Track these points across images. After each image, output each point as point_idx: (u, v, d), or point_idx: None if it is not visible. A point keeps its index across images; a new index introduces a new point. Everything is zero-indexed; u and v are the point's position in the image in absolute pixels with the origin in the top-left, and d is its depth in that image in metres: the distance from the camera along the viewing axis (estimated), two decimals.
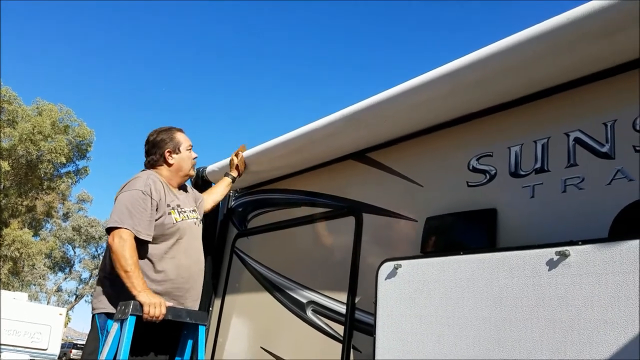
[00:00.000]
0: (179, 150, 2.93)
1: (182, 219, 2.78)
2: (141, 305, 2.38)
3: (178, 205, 2.81)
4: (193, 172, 3.06)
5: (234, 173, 3.60)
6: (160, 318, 2.42)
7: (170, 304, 2.52)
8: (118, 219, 2.57)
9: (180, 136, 2.97)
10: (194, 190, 3.28)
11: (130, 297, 2.44)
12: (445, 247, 2.37)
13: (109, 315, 2.58)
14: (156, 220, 2.68)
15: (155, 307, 2.40)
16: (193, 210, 2.92)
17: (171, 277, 2.66)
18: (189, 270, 2.76)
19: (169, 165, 2.91)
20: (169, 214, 2.73)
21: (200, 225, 2.98)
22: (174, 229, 2.72)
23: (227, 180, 3.56)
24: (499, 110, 2.40)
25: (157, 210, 2.69)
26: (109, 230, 2.58)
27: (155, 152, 2.91)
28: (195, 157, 3.05)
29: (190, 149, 3.00)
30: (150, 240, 2.63)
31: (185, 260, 2.75)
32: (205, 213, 3.23)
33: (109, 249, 2.62)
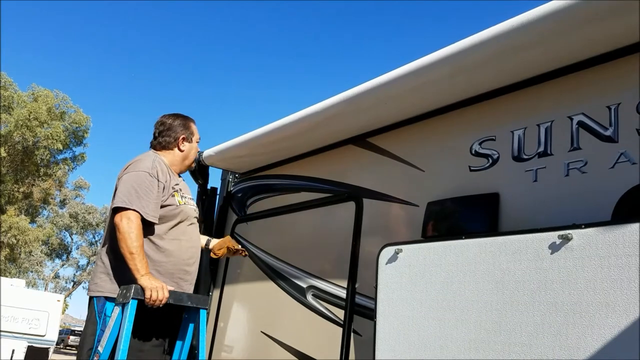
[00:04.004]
0: (191, 140, 2.96)
1: (184, 203, 2.79)
2: (142, 289, 2.38)
3: (180, 189, 2.82)
4: (194, 165, 3.12)
5: (212, 252, 3.08)
6: (162, 302, 2.42)
7: (171, 287, 2.52)
8: (126, 199, 2.55)
9: (194, 127, 3.00)
10: None
11: (130, 280, 2.44)
12: (446, 232, 2.37)
13: (108, 299, 2.57)
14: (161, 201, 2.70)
15: (157, 291, 2.40)
16: (191, 199, 2.93)
17: (173, 258, 2.66)
18: (189, 252, 2.76)
19: (180, 151, 2.91)
20: (173, 195, 2.74)
21: (197, 214, 2.98)
22: (177, 210, 2.73)
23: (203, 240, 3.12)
24: (502, 93, 2.39)
25: (163, 191, 2.69)
26: (116, 210, 2.56)
27: (170, 135, 2.90)
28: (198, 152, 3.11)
29: (198, 142, 3.03)
30: (157, 222, 2.63)
31: (187, 242, 2.76)
32: None
33: (111, 231, 2.61)
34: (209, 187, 4.20)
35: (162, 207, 2.68)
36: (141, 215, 2.54)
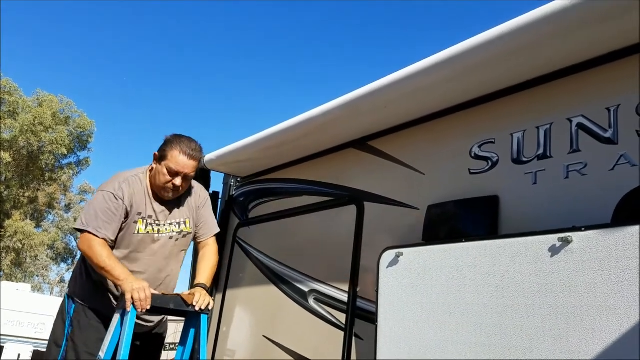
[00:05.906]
0: (160, 163, 2.66)
1: (149, 232, 2.66)
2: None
3: (150, 216, 2.67)
4: (165, 195, 2.67)
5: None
6: (148, 302, 2.35)
7: (155, 291, 2.48)
8: (85, 220, 2.54)
9: (172, 154, 2.64)
10: (204, 199, 2.98)
11: (85, 282, 2.59)
12: (447, 235, 2.36)
13: (71, 298, 2.68)
14: (121, 226, 2.61)
15: (137, 292, 2.33)
16: (177, 224, 2.75)
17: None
18: None
19: (151, 170, 2.73)
20: (135, 222, 2.62)
21: (182, 240, 2.78)
22: (132, 239, 2.63)
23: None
24: (501, 95, 2.38)
25: (126, 216, 2.60)
26: (79, 230, 2.58)
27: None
28: (172, 183, 2.63)
29: (169, 171, 2.62)
30: (112, 244, 2.59)
31: (139, 275, 2.60)
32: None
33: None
34: (210, 191, 4.21)
35: (119, 232, 2.59)
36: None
